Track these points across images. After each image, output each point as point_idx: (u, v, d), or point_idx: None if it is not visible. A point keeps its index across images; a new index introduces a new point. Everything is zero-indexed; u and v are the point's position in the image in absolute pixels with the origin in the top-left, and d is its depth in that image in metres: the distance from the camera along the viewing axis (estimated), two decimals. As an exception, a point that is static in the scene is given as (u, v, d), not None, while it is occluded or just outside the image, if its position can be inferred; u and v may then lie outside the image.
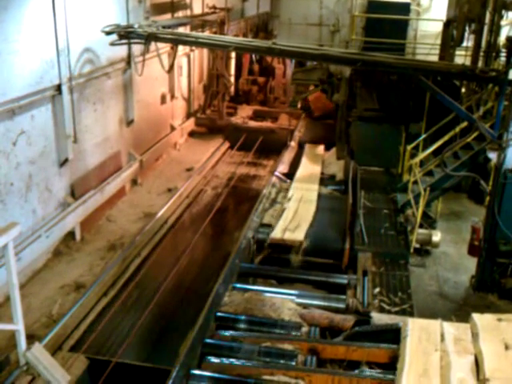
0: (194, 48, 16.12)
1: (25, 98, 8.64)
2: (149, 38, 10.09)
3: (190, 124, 17.22)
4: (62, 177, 10.03)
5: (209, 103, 18.15)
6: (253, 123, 18.02)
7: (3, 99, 8.13)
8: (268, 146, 16.34)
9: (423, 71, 9.49)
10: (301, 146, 15.73)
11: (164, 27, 10.97)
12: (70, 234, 10.16)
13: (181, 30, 13.60)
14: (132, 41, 10.44)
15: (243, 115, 18.67)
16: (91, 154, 11.02)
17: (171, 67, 13.18)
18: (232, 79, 18.91)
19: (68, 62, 9.68)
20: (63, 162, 9.97)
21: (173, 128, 15.67)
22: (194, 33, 13.40)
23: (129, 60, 12.18)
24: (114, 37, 10.10)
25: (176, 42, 11.07)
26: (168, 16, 14.13)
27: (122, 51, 11.76)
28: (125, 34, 10.06)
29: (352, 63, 10.12)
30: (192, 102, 17.48)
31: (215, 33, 16.15)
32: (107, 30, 10.04)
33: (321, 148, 14.81)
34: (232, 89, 18.87)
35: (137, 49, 12.12)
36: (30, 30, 8.66)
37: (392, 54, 10.40)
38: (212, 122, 17.55)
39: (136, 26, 10.20)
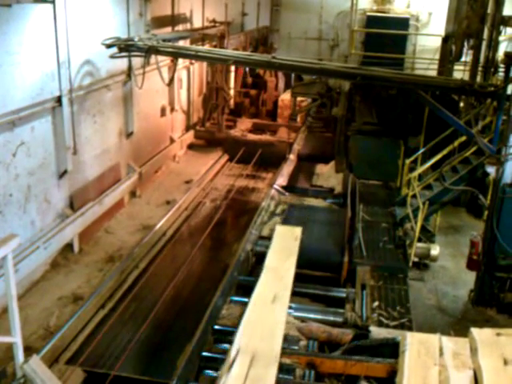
0: (193, 61, 16.19)
1: (25, 109, 8.66)
2: (149, 51, 10.12)
3: (189, 136, 17.20)
4: (60, 188, 10.03)
5: (208, 116, 18.15)
6: (252, 136, 17.99)
7: (3, 111, 8.16)
8: (267, 159, 16.31)
9: (422, 86, 9.55)
10: (300, 159, 15.76)
11: (164, 40, 11.01)
12: (69, 246, 10.14)
13: (181, 43, 13.69)
14: (132, 54, 10.46)
15: (242, 128, 18.64)
16: (90, 166, 11.03)
17: (171, 80, 13.22)
18: (232, 92, 18.93)
19: (68, 74, 9.71)
20: (62, 174, 9.98)
21: (172, 140, 15.70)
22: (194, 46, 13.46)
23: (129, 72, 12.23)
24: (114, 49, 10.16)
25: (176, 55, 11.11)
26: (168, 29, 14.22)
27: (122, 64, 11.82)
28: (125, 47, 10.10)
29: (351, 78, 10.17)
30: (191, 114, 17.46)
31: (215, 46, 16.21)
32: (107, 42, 10.07)
33: (298, 233, 9.37)
34: (231, 102, 18.88)
35: (137, 61, 12.17)
36: (31, 42, 8.71)
37: (391, 68, 10.47)
38: (211, 135, 17.53)
39: (136, 39, 10.24)
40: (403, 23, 22.13)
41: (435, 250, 9.81)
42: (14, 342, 5.45)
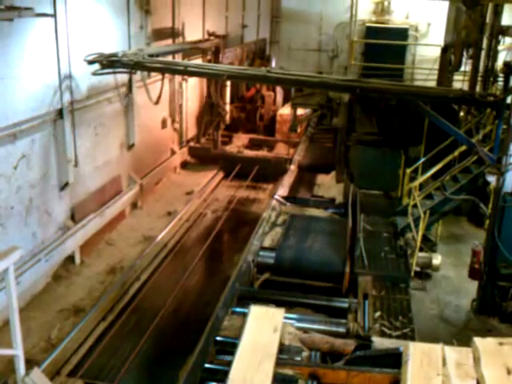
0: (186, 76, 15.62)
1: (26, 122, 8.72)
2: (134, 67, 9.72)
3: (183, 155, 16.34)
4: (62, 200, 10.05)
5: (203, 132, 17.43)
6: (248, 152, 17.22)
7: (5, 123, 8.21)
8: (263, 177, 15.73)
9: (422, 97, 9.49)
10: (301, 170, 15.73)
11: (152, 55, 10.58)
12: (70, 258, 10.14)
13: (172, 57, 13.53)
14: (116, 70, 10.04)
15: (238, 144, 17.91)
16: (91, 178, 11.06)
17: (159, 98, 12.88)
18: (227, 107, 17.85)
19: (70, 87, 9.77)
20: (64, 186, 10.00)
21: (173, 152, 15.71)
22: (183, 61, 13.12)
23: (130, 85, 12.29)
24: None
25: (164, 71, 10.68)
26: (169, 42, 14.29)
27: (122, 76, 11.86)
28: (108, 64, 9.65)
29: (350, 90, 10.06)
30: (184, 131, 16.66)
31: (209, 61, 15.74)
32: (89, 58, 9.60)
33: (278, 319, 6.75)
34: (227, 117, 17.82)
35: (138, 73, 12.22)
36: (32, 55, 8.77)
37: (391, 78, 10.50)
38: (206, 152, 16.83)
39: (120, 54, 9.82)
40: (402, 33, 22.30)
41: (437, 260, 9.78)
42: (16, 354, 5.43)
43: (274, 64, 23.23)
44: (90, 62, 9.60)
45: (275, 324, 6.75)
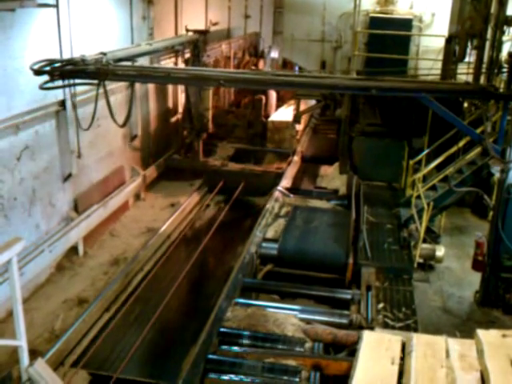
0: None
1: (29, 113, 8.70)
2: (102, 77, 8.30)
3: (150, 174, 13.61)
4: (65, 192, 10.06)
5: (181, 142, 15.16)
6: (234, 165, 14.80)
7: (8, 115, 8.19)
8: (250, 193, 13.96)
9: (439, 92, 9.03)
10: (304, 161, 15.67)
11: (121, 59, 9.28)
12: (73, 249, 10.16)
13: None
14: (75, 82, 8.65)
15: (223, 155, 15.68)
16: (95, 169, 11.06)
17: (127, 119, 10.00)
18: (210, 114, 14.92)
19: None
20: (67, 177, 10.01)
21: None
22: (164, 66, 12.50)
23: (133, 76, 12.23)
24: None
25: (140, 79, 9.19)
26: (171, 33, 14.20)
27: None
28: (63, 74, 8.09)
29: (365, 91, 9.19)
30: (151, 145, 14.15)
31: (186, 61, 13.84)
32: (35, 67, 7.85)
33: (396, 350, 5.95)
34: (210, 125, 15.06)
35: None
36: (34, 46, 8.74)
37: (394, 69, 10.40)
38: (183, 165, 14.70)
39: (77, 60, 8.36)
40: (406, 24, 22.14)
41: (440, 251, 9.79)
42: (19, 345, 5.44)
43: (277, 55, 23.04)
44: (38, 73, 7.91)
45: (393, 354, 5.92)
